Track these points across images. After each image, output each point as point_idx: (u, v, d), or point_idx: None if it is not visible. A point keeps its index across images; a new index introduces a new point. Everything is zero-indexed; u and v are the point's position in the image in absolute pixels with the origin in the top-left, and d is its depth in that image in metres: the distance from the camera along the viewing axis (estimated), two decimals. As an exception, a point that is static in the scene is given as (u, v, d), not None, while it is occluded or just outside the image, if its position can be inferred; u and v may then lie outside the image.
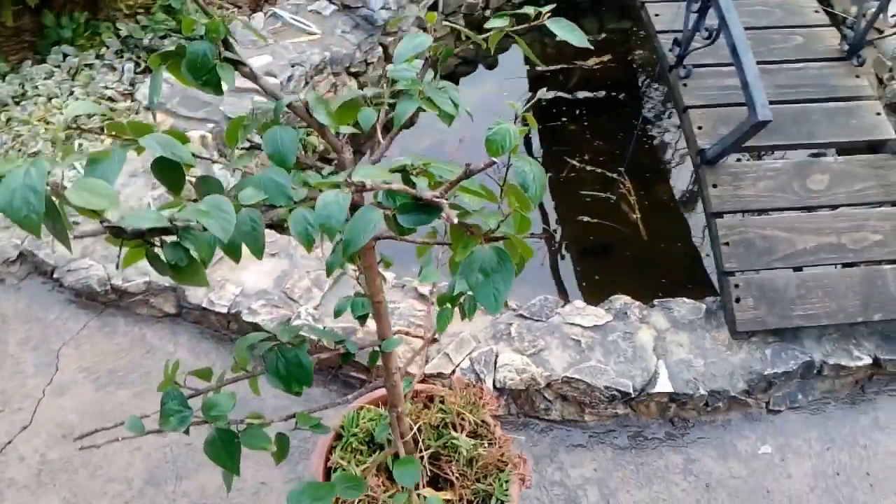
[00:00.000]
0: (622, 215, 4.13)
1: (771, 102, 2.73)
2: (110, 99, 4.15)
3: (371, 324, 1.95)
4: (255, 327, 2.89)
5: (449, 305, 2.03)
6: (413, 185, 1.41)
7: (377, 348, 1.88)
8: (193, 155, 1.50)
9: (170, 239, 1.32)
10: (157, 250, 1.38)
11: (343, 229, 1.17)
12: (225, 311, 2.91)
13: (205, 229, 1.31)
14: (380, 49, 4.45)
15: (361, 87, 4.49)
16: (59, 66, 4.25)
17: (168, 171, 1.50)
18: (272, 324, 2.86)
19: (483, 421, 2.29)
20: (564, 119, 4.77)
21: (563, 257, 3.92)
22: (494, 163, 1.33)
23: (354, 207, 1.46)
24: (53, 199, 1.23)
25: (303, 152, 1.52)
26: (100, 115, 3.98)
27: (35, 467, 2.55)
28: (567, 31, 1.68)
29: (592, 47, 1.76)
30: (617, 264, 3.92)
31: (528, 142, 4.72)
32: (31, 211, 1.16)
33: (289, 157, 1.45)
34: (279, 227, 3.42)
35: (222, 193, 1.58)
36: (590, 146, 4.54)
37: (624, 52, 5.40)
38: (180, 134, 1.50)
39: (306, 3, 4.37)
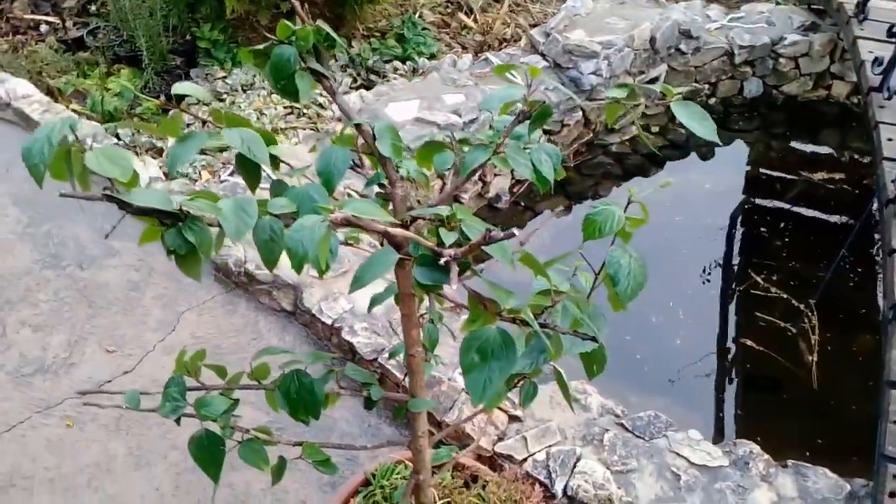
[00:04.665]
0: (796, 353, 3.56)
1: None
2: (321, 105, 4.48)
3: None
4: (350, 347, 2.87)
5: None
6: (439, 240, 1.28)
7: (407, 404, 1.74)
8: (274, 157, 1.50)
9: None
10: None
11: (310, 257, 1.07)
12: (330, 322, 2.93)
13: (219, 225, 1.28)
14: (580, 113, 4.32)
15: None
16: (289, 67, 4.68)
17: (247, 165, 1.50)
18: (367, 349, 2.83)
19: (520, 525, 2.04)
20: (764, 228, 4.28)
21: (707, 376, 3.46)
22: (513, 234, 1.15)
23: (397, 248, 1.36)
24: (78, 154, 1.27)
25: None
26: (297, 115, 4.33)
27: (118, 411, 2.73)
28: (694, 120, 1.44)
29: (720, 143, 1.51)
30: (768, 405, 3.38)
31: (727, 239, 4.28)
32: (41, 161, 1.20)
33: (335, 178, 1.40)
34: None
35: (293, 200, 1.56)
36: (783, 266, 4.01)
37: (862, 174, 4.74)
38: (269, 134, 1.50)
39: (520, 54, 4.38)
